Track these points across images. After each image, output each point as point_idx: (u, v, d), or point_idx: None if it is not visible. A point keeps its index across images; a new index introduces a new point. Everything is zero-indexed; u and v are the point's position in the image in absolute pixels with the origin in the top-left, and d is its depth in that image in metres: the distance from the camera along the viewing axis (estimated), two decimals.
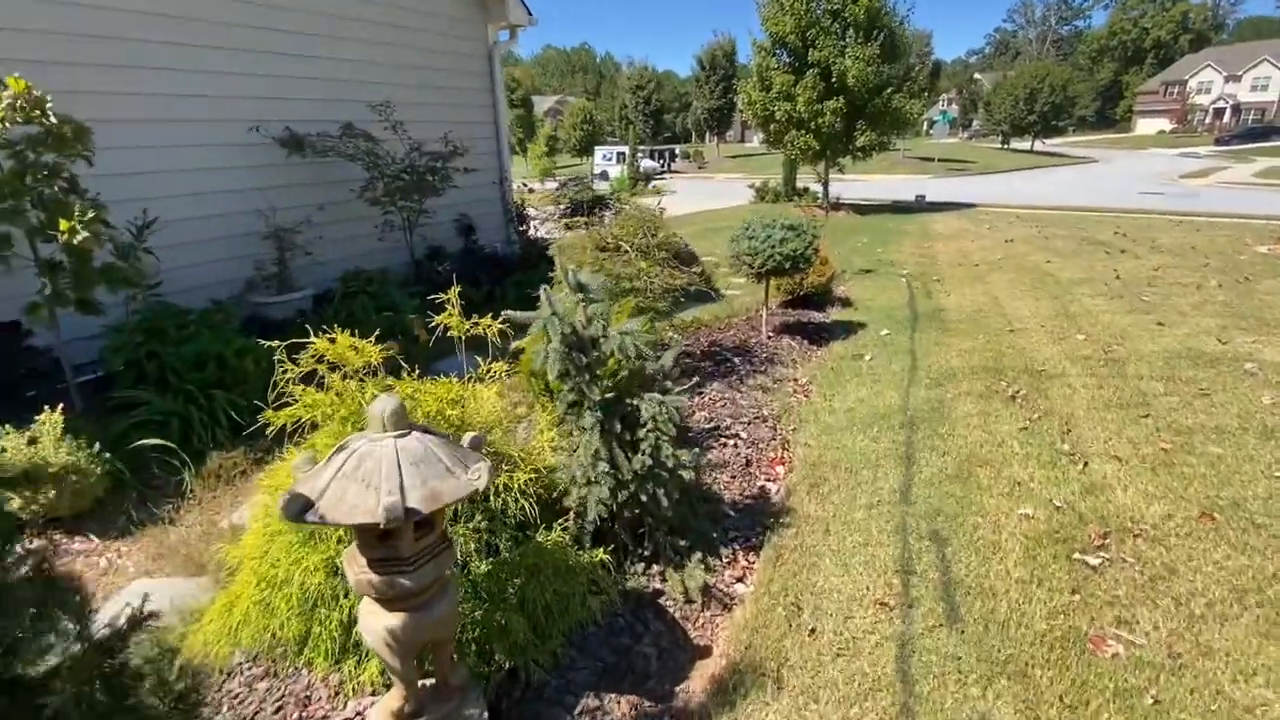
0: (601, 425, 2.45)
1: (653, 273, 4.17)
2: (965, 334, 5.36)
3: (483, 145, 8.94)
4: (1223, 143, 46.50)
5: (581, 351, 2.38)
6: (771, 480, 3.51)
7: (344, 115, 6.79)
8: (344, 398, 2.40)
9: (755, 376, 4.87)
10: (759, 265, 5.19)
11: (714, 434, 3.97)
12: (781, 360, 5.23)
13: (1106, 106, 75.91)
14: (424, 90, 7.90)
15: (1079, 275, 7.19)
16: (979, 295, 6.67)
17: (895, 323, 5.95)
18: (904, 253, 9.82)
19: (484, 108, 8.99)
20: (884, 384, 4.48)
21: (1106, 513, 2.67)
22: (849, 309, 6.70)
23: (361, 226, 7.01)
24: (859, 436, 3.70)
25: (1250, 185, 22.86)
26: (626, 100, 58.01)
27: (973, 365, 4.58)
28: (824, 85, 14.82)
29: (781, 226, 5.26)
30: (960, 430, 3.59)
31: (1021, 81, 44.86)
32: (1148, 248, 8.59)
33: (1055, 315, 5.69)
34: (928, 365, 4.71)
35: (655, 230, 4.53)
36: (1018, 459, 3.17)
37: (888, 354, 5.10)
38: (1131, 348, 4.72)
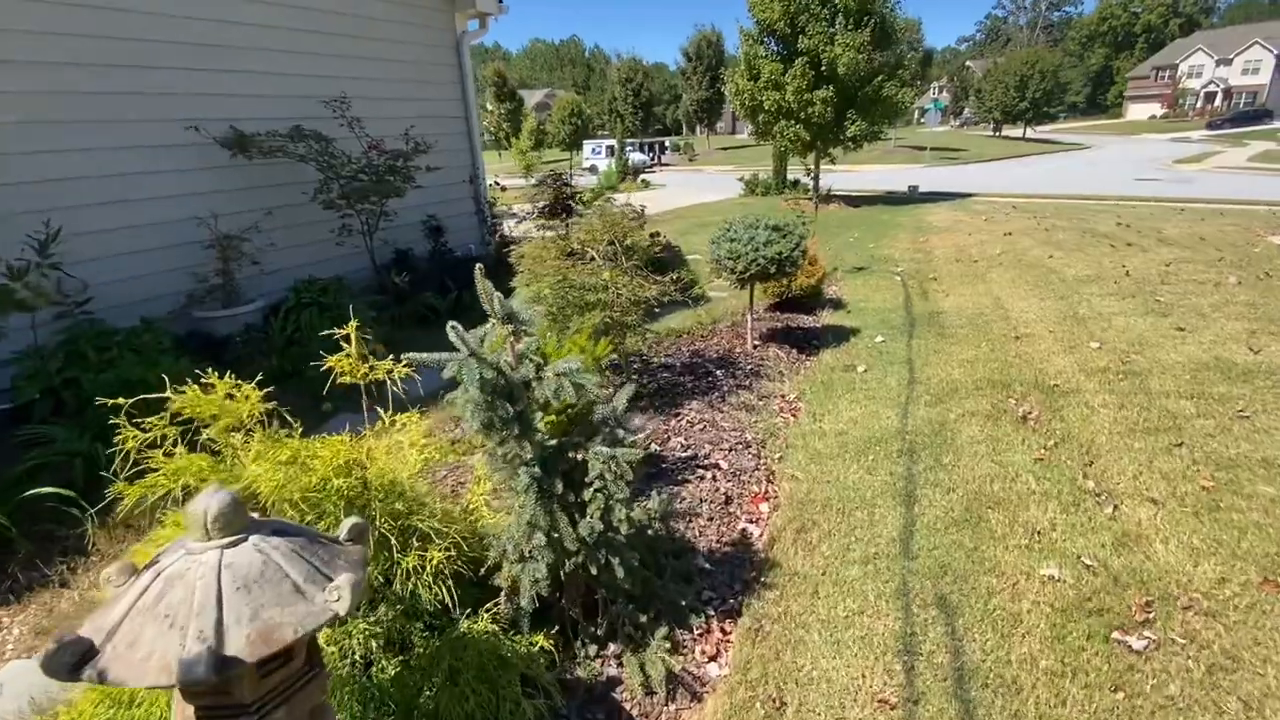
0: (539, 485, 2.01)
1: (620, 282, 3.72)
2: (966, 341, 4.94)
3: (453, 141, 8.46)
4: (1214, 127, 46.31)
5: (509, 399, 1.94)
6: (754, 521, 3.08)
7: (295, 112, 6.30)
8: (221, 461, 1.96)
9: (738, 393, 4.44)
10: (741, 270, 4.75)
11: (691, 464, 3.54)
12: (768, 373, 4.80)
13: (1098, 92, 75.62)
14: (386, 84, 7.40)
15: (1086, 272, 6.78)
16: (979, 295, 6.25)
17: (890, 328, 5.52)
18: (898, 248, 9.39)
19: (453, 101, 8.49)
20: (879, 400, 4.05)
21: (1146, 574, 2.25)
22: (841, 312, 6.27)
23: (316, 232, 6.52)
24: (852, 466, 3.27)
25: (1246, 170, 22.58)
26: (616, 93, 57.31)
27: (976, 378, 4.16)
28: (813, 74, 14.35)
29: (765, 226, 4.81)
30: (966, 460, 3.17)
31: (1013, 68, 44.54)
32: (1155, 239, 8.18)
33: (1064, 318, 5.28)
34: (927, 378, 4.29)
35: (625, 233, 4.07)
36: (1035, 499, 2.75)
37: (883, 364, 4.67)
38: (1152, 358, 4.32)
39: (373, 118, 6.93)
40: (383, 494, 1.90)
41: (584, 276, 3.74)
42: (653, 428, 3.92)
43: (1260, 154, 27.50)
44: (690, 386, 4.61)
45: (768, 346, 5.33)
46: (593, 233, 3.90)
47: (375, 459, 1.91)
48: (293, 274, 6.26)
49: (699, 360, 5.12)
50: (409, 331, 6.07)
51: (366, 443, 1.96)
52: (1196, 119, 54.89)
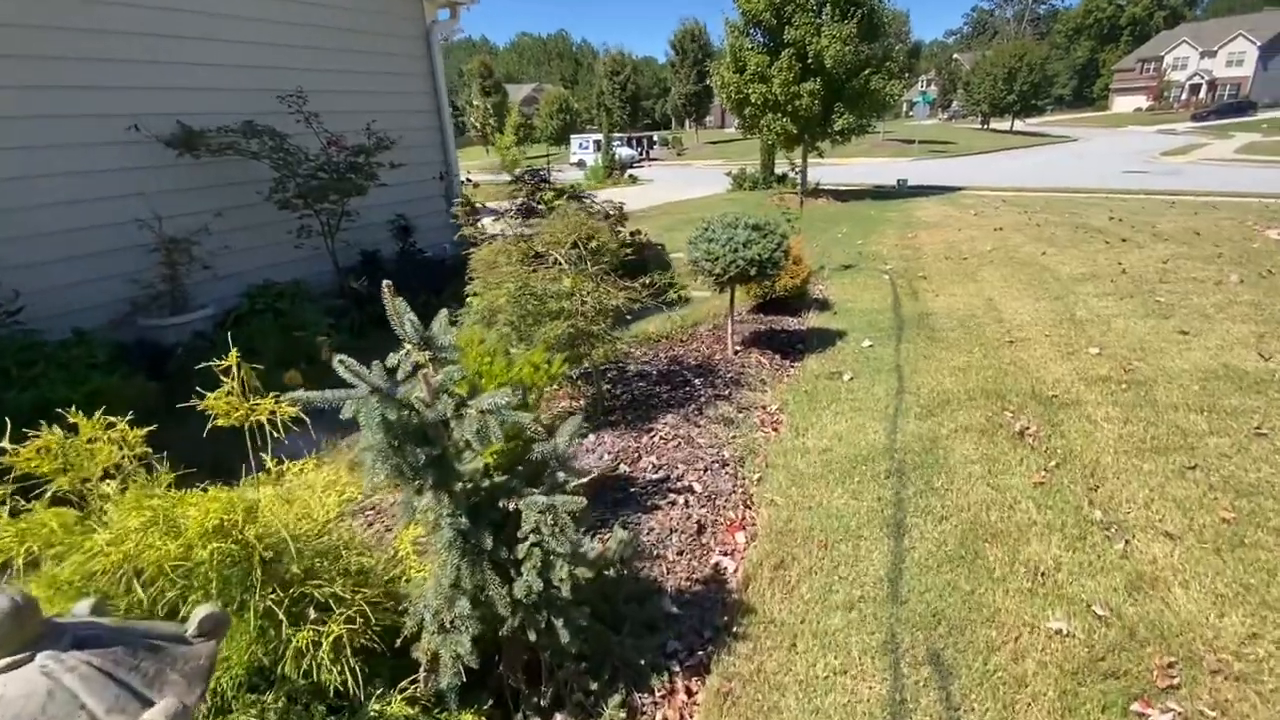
0: (464, 540, 1.71)
1: (585, 289, 3.42)
2: (958, 346, 4.67)
3: (422, 137, 8.10)
4: (1199, 119, 46.47)
5: (425, 442, 1.63)
6: (729, 553, 2.79)
7: (249, 107, 5.92)
8: (86, 518, 1.64)
9: (717, 404, 4.15)
10: (719, 272, 4.45)
11: (662, 487, 3.24)
12: (749, 381, 4.51)
13: (1084, 85, 75.84)
14: (348, 76, 7.02)
15: (1080, 269, 6.54)
16: (971, 296, 5.99)
17: (878, 331, 5.25)
18: (886, 244, 9.14)
19: (423, 95, 8.13)
20: (866, 413, 3.78)
21: (1167, 627, 1.99)
22: (827, 313, 5.99)
23: (274, 233, 6.15)
24: (836, 490, 3.00)
25: (1233, 161, 22.56)
26: (603, 87, 56.80)
27: (969, 388, 3.89)
28: (800, 66, 14.07)
29: (745, 226, 4.52)
30: (960, 483, 2.90)
31: (1000, 61, 44.52)
32: (1149, 234, 7.95)
33: (1059, 321, 5.04)
34: (916, 388, 4.01)
35: (592, 234, 3.77)
36: (1036, 531, 2.48)
37: (870, 372, 4.40)
38: (1156, 365, 4.07)
39: (334, 112, 6.56)
40: (272, 554, 1.59)
41: (545, 283, 3.43)
42: (623, 446, 3.63)
43: (1245, 146, 27.54)
44: (666, 397, 4.32)
45: (749, 352, 5.05)
46: (556, 235, 3.59)
47: (262, 514, 1.60)
48: (249, 278, 5.91)
49: (677, 368, 4.83)
50: (370, 338, 5.72)
51: (253, 492, 1.64)
52: (1182, 111, 55.13)
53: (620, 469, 3.42)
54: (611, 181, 25.50)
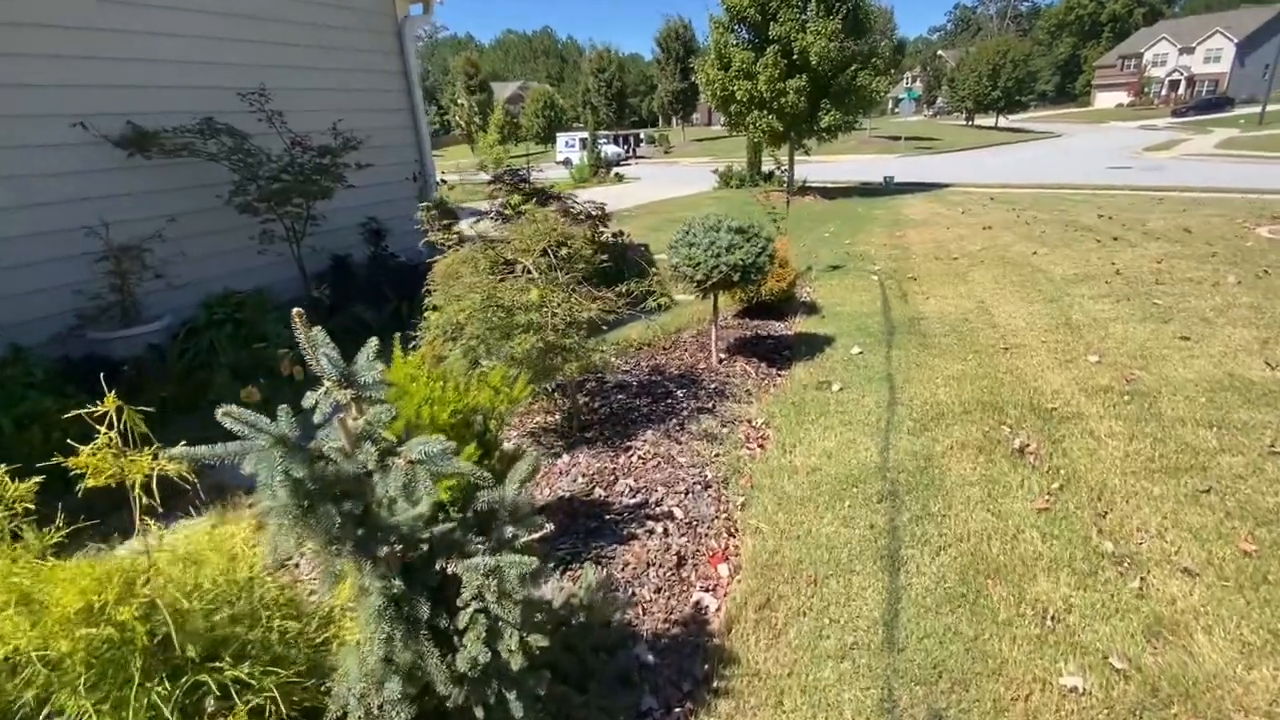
0: (396, 607, 1.47)
1: (555, 300, 3.18)
2: (951, 353, 4.48)
3: (396, 136, 7.80)
4: (1179, 114, 47.00)
5: (345, 497, 1.39)
6: (711, 588, 2.57)
7: (207, 106, 5.62)
8: None
9: (700, 418, 3.93)
10: (701, 278, 4.23)
11: (640, 514, 3.02)
12: (733, 392, 4.29)
13: (1066, 81, 76.55)
14: (315, 73, 6.72)
15: (1073, 270, 6.39)
16: (962, 298, 5.80)
17: (868, 336, 5.05)
18: (874, 243, 8.97)
19: (396, 93, 7.82)
20: (857, 427, 3.57)
21: (1192, 682, 1.79)
22: (815, 317, 5.79)
23: (234, 239, 5.85)
24: (826, 516, 2.78)
25: (1214, 157, 22.74)
26: (589, 84, 56.45)
27: (964, 400, 3.70)
28: (786, 62, 13.90)
29: (728, 229, 4.30)
30: (958, 508, 2.69)
31: (984, 57, 44.73)
32: (1140, 233, 7.83)
33: (1055, 325, 4.88)
34: (909, 399, 3.81)
35: (564, 239, 3.53)
36: (1043, 565, 2.28)
37: (860, 381, 4.20)
38: (1159, 374, 3.88)
39: (299, 111, 6.27)
40: (161, 636, 1.34)
41: (513, 294, 3.18)
42: (599, 467, 3.40)
43: (1225, 141, 27.79)
44: (647, 411, 4.09)
45: (735, 360, 4.83)
46: (525, 241, 3.34)
47: (162, 580, 1.35)
48: (208, 287, 5.60)
49: (659, 378, 4.60)
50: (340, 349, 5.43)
51: (144, 557, 1.39)
52: (1162, 107, 55.76)
53: (595, 493, 3.19)
54: (597, 180, 25.25)
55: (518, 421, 4.05)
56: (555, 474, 3.37)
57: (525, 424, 4.03)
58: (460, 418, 2.23)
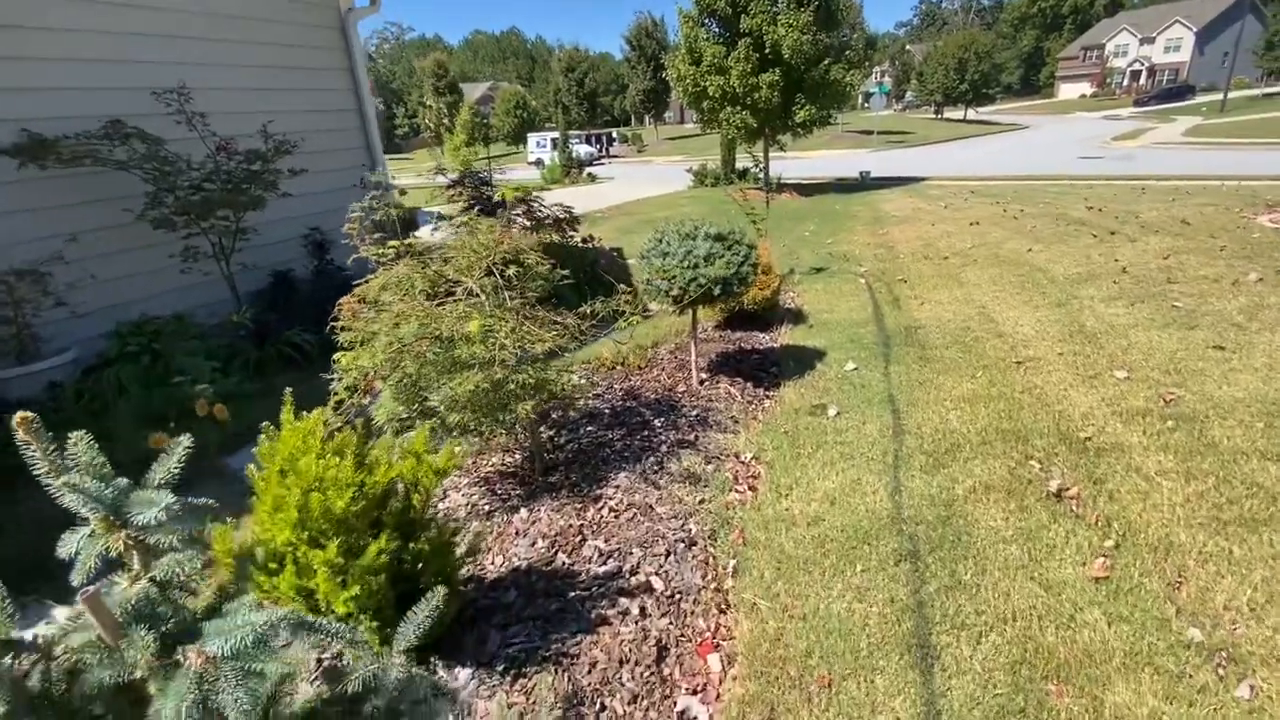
0: None
1: (503, 330, 2.65)
2: (957, 368, 4.04)
3: (341, 139, 7.18)
4: (1141, 104, 47.83)
5: None
6: (698, 690, 2.08)
7: (117, 109, 4.96)
8: None
9: (681, 454, 3.43)
10: (676, 294, 3.73)
11: (610, 587, 2.51)
12: (718, 420, 3.81)
13: (1030, 73, 77.76)
14: (245, 71, 6.07)
15: (1075, 269, 6.01)
16: (959, 302, 5.38)
17: (862, 348, 4.60)
18: (857, 242, 8.57)
19: (341, 92, 7.20)
20: (860, 462, 3.11)
21: None
22: (802, 327, 5.34)
23: (152, 258, 5.21)
24: (835, 585, 2.30)
25: (1183, 145, 22.94)
26: (560, 84, 55.74)
27: (981, 427, 3.25)
28: (758, 56, 13.48)
29: (705, 236, 3.80)
30: (995, 574, 2.23)
31: (950, 51, 45.14)
32: (1136, 226, 7.50)
33: (1069, 333, 4.43)
34: (917, 426, 3.36)
35: (513, 256, 3.00)
36: (1117, 663, 1.80)
37: (858, 404, 3.73)
38: (1200, 393, 3.40)
39: (227, 112, 5.65)
40: None
41: (451, 323, 2.65)
42: (563, 525, 2.88)
43: (1191, 129, 28.15)
44: (620, 446, 3.58)
45: (717, 380, 4.34)
46: (466, 257, 2.81)
47: None
48: (122, 313, 4.96)
49: (634, 404, 4.10)
50: (271, 379, 4.83)
51: None
52: (1124, 97, 56.77)
53: (558, 560, 2.67)
54: (569, 181, 24.65)
55: (471, 465, 3.51)
56: (511, 536, 2.85)
57: (480, 467, 3.49)
58: (364, 504, 1.70)
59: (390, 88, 74.42)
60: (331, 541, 1.62)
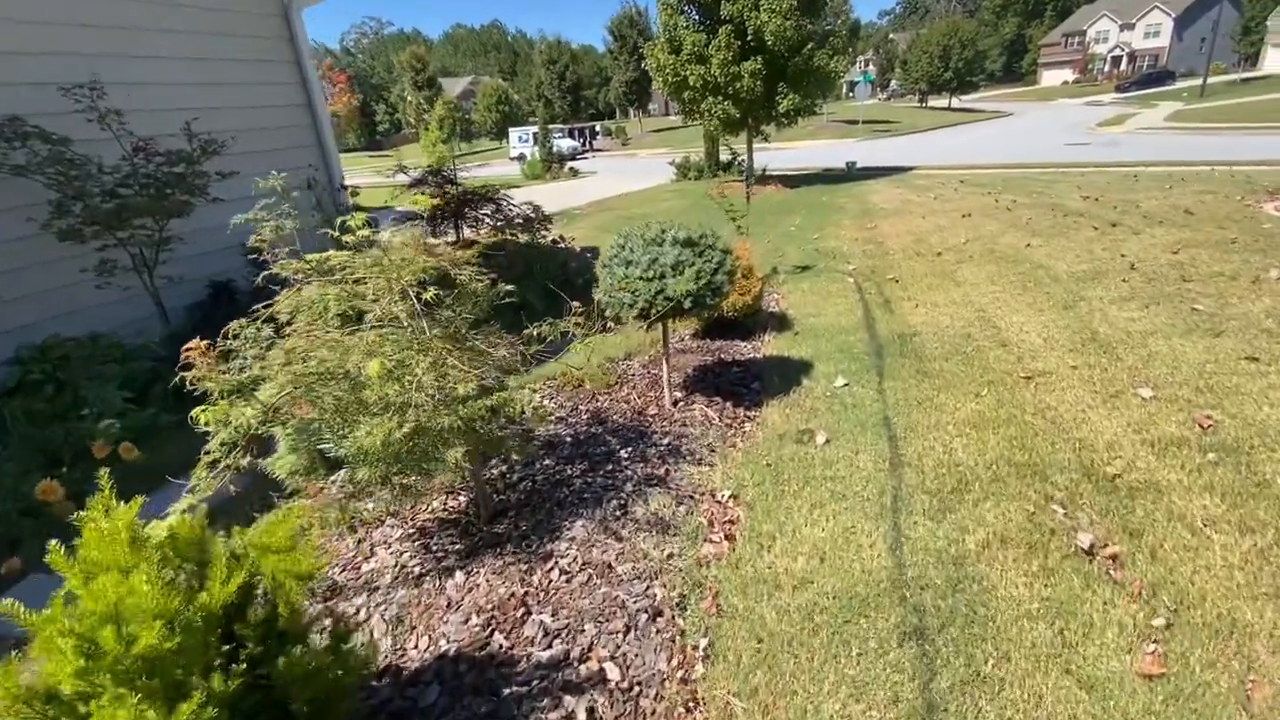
0: None
1: (420, 366, 2.18)
2: (959, 384, 3.61)
3: (288, 136, 6.64)
4: (1123, 90, 47.91)
5: None
6: None
7: (14, 105, 4.43)
8: None
9: (648, 493, 2.99)
10: (642, 308, 3.28)
11: (557, 679, 2.06)
12: (692, 449, 3.37)
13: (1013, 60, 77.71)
14: (172, 65, 5.52)
15: (1079, 265, 5.54)
16: (957, 305, 4.96)
17: (852, 359, 4.18)
18: (845, 237, 8.15)
19: (287, 86, 6.65)
20: (853, 504, 2.68)
21: None
22: (786, 334, 4.91)
23: (61, 273, 4.67)
24: (828, 678, 1.88)
25: (1166, 130, 22.80)
26: (541, 77, 54.87)
27: (990, 458, 2.83)
28: (739, 44, 13.00)
29: (674, 241, 3.35)
30: (1022, 666, 1.80)
31: (934, 39, 44.91)
32: (1138, 217, 7.11)
33: (1081, 342, 3.99)
34: (917, 458, 2.93)
35: (440, 274, 2.53)
36: None
37: (850, 428, 3.31)
38: (1240, 416, 2.93)
39: (151, 110, 5.12)
40: None
41: (357, 359, 2.18)
42: (504, 593, 2.43)
43: (1173, 114, 28.07)
44: (579, 485, 3.13)
45: (692, 400, 3.90)
46: (377, 275, 2.33)
47: None
48: (27, 335, 4.43)
49: (599, 430, 3.65)
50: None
51: None
52: (1106, 83, 56.84)
53: (494, 642, 2.22)
54: (550, 176, 24.06)
55: (409, 512, 3.05)
56: (441, 609, 2.39)
57: (416, 515, 3.03)
58: (190, 636, 1.23)
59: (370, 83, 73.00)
60: (129, 697, 1.16)
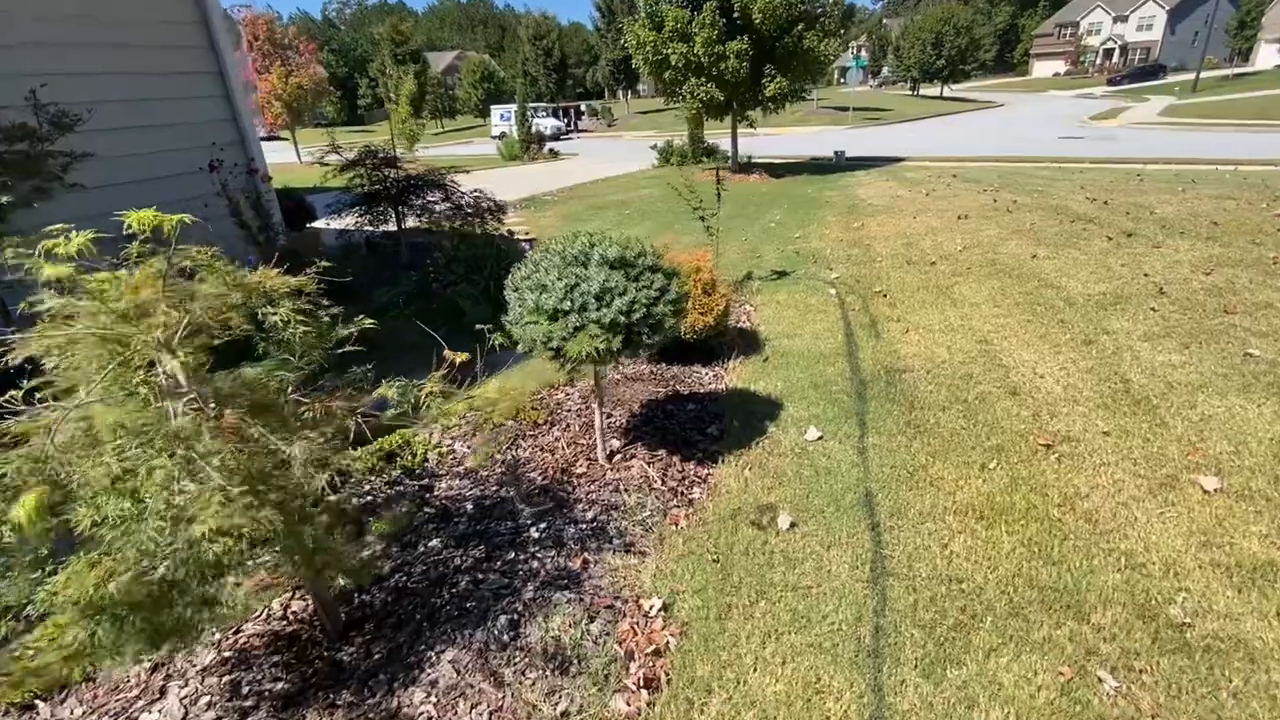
0: None
1: (151, 485, 1.40)
2: (960, 446, 2.86)
3: (187, 109, 5.71)
4: (1114, 83, 47.57)
5: None
6: None
7: None
8: None
9: (554, 600, 2.26)
10: (554, 348, 2.52)
11: None
12: (621, 527, 2.64)
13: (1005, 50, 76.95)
14: (22, 25, 4.58)
15: (1096, 285, 4.79)
16: (955, 331, 4.22)
17: (829, 399, 3.45)
18: (829, 237, 7.41)
19: (186, 49, 5.71)
20: (820, 637, 1.97)
21: None
22: (755, 358, 4.18)
23: None
24: None
25: (1161, 125, 22.31)
26: (527, 53, 53.18)
27: (1004, 573, 2.10)
28: (725, 22, 12.11)
29: (601, 261, 2.58)
30: None
31: (928, 25, 44.04)
32: (1155, 225, 6.38)
33: (1112, 395, 3.24)
34: (906, 561, 2.22)
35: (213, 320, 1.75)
36: None
37: (822, 505, 2.59)
38: None
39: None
40: None
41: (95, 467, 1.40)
42: None
43: (1167, 109, 27.64)
44: (464, 587, 2.38)
45: (632, 454, 3.16)
46: (104, 341, 1.54)
47: None
48: None
49: (509, 494, 2.90)
50: None
51: None
52: (1097, 76, 56.40)
53: None
54: (529, 157, 22.95)
55: (222, 644, 2.27)
56: None
57: (241, 631, 2.26)
58: None
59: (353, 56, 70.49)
60: None
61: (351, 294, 5.64)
